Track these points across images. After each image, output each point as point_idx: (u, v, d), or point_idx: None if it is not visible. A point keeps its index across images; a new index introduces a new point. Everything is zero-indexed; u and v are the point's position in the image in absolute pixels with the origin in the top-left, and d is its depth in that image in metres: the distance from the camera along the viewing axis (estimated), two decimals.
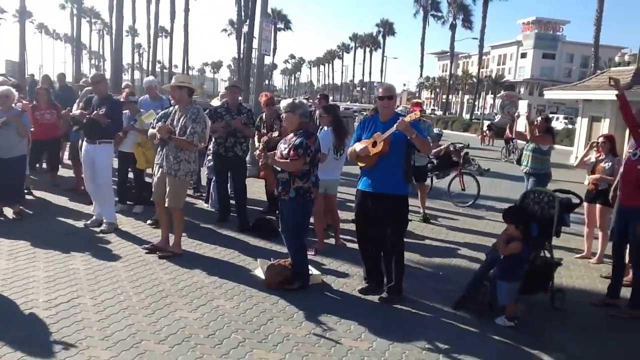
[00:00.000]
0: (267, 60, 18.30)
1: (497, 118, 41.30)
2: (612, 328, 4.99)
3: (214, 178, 8.12)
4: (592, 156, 7.18)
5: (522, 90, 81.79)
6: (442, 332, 4.52)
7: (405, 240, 5.30)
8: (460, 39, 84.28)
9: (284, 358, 3.84)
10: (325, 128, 6.69)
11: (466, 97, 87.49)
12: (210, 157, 8.12)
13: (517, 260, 4.91)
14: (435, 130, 11.43)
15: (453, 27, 63.37)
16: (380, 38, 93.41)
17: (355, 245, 5.57)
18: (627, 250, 5.42)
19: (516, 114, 9.43)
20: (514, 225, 4.99)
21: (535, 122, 8.19)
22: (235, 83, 11.33)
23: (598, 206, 6.92)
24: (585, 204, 7.03)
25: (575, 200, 5.56)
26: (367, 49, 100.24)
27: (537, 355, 4.24)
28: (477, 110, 64.83)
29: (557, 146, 20.48)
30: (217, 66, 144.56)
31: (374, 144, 4.99)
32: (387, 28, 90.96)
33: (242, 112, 7.47)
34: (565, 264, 6.74)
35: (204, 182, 9.28)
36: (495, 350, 4.29)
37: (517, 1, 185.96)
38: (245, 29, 36.90)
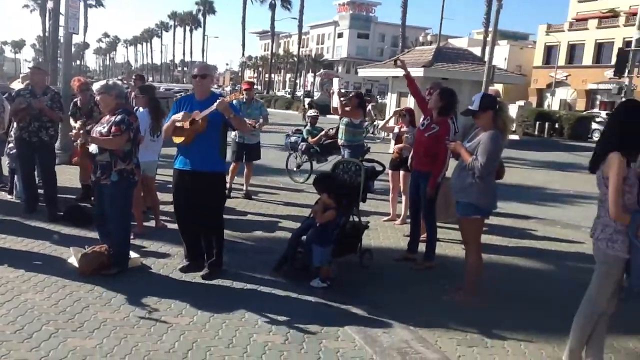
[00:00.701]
0: (78, 39, 17.08)
1: (317, 95, 42.96)
2: (411, 279, 5.60)
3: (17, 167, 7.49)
4: (396, 126, 7.91)
5: (340, 68, 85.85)
6: (262, 300, 4.74)
7: (226, 216, 5.42)
8: (280, 19, 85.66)
9: (101, 343, 3.76)
10: (141, 109, 6.53)
11: (288, 75, 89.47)
12: (12, 145, 7.48)
13: (331, 226, 5.28)
14: None
15: (273, 7, 64.34)
16: (200, 16, 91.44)
17: (176, 226, 5.57)
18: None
19: (330, 90, 9.94)
20: (327, 194, 5.36)
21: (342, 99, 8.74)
22: (40, 64, 10.49)
23: (401, 172, 7.63)
24: (389, 171, 7.74)
25: (379, 168, 6.12)
26: (187, 28, 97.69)
27: (348, 309, 4.64)
28: (299, 88, 66.73)
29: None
30: (18, 45, 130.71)
31: (192, 122, 5.01)
32: (207, 6, 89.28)
33: (48, 94, 6.97)
34: (374, 227, 7.39)
35: (6, 172, 8.50)
36: (311, 308, 4.62)
37: None
38: (50, 4, 33.80)
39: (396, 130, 7.84)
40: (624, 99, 10.93)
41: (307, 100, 39.92)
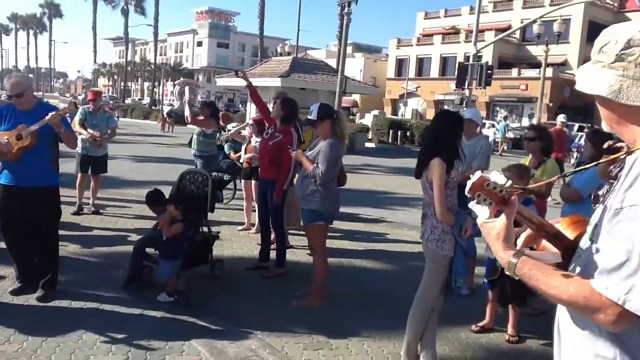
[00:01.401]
0: None
1: (177, 105, 41.89)
2: (262, 287, 5.62)
3: None
4: (246, 135, 7.94)
5: (200, 77, 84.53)
6: (103, 318, 4.49)
7: (70, 232, 5.07)
8: (134, 25, 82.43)
9: None
10: None
11: (146, 84, 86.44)
12: None
13: (179, 239, 5.15)
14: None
15: (125, 13, 61.80)
16: (45, 20, 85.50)
17: (4, 245, 5.11)
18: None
19: (184, 99, 9.70)
20: (174, 206, 5.22)
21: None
22: None
23: (253, 182, 7.65)
24: (242, 181, 7.73)
25: (227, 178, 6.09)
26: (31, 32, 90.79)
27: (195, 322, 4.55)
28: (157, 97, 64.74)
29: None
30: None
31: (19, 137, 4.63)
32: (53, 9, 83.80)
33: None
34: (228, 237, 7.36)
35: None
36: (156, 324, 4.46)
37: None
38: None
39: (246, 137, 7.88)
40: (465, 109, 11.90)
41: (166, 109, 38.78)
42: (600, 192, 1.52)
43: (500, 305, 4.74)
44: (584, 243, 1.56)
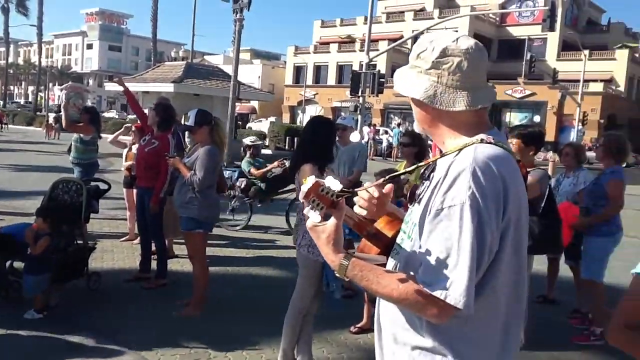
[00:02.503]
0: None
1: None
2: (142, 299, 5.45)
3: None
4: (127, 142, 7.67)
5: (91, 81, 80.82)
6: None
7: None
8: (16, 25, 77.27)
9: None
10: None
11: (30, 87, 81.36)
12: None
13: (45, 253, 4.84)
14: None
15: (6, 11, 57.86)
16: None
17: None
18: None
19: (62, 103, 9.15)
20: (42, 219, 4.92)
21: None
22: None
23: (134, 190, 7.41)
24: (124, 189, 7.47)
25: (104, 187, 5.86)
26: None
27: (68, 339, 4.34)
28: (44, 102, 61.13)
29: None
30: None
31: None
32: None
33: None
34: (110, 248, 7.09)
35: None
36: (24, 344, 4.21)
37: None
38: None
39: (127, 143, 7.64)
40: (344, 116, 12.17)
41: (52, 115, 36.70)
42: (417, 192, 1.61)
43: (372, 305, 4.90)
44: (401, 240, 1.66)
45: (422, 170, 1.70)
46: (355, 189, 1.63)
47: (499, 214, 1.46)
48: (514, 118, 48.85)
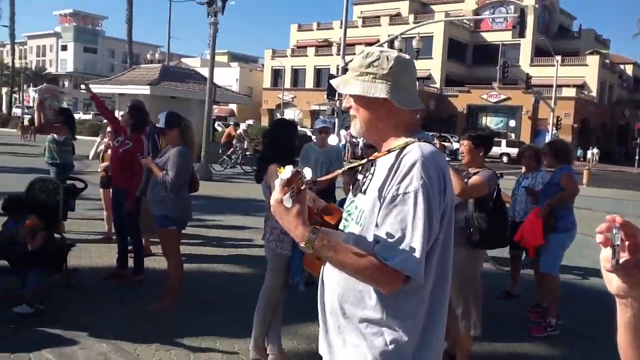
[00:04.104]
0: None
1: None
2: (118, 295, 5.64)
3: None
4: (102, 146, 7.81)
5: (66, 83, 79.98)
6: None
7: None
8: None
9: None
10: None
11: (4, 89, 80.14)
12: None
13: (46, 247, 5.03)
14: None
15: None
16: None
17: None
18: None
19: (36, 104, 9.12)
20: (36, 215, 5.09)
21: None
22: None
23: (112, 190, 7.56)
24: (100, 190, 7.63)
25: (80, 185, 6.03)
26: None
27: (45, 331, 4.50)
28: (18, 103, 60.37)
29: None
30: None
31: None
32: None
33: None
34: (88, 247, 7.23)
35: None
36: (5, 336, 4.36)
37: None
38: None
39: (102, 147, 7.77)
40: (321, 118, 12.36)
41: (27, 117, 36.34)
42: (359, 184, 1.87)
43: None
44: (343, 227, 1.91)
45: (362, 166, 1.96)
46: (317, 180, 1.84)
47: (441, 201, 1.75)
48: (490, 122, 49.65)
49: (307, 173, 1.69)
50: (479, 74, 52.90)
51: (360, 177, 1.95)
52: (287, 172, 1.67)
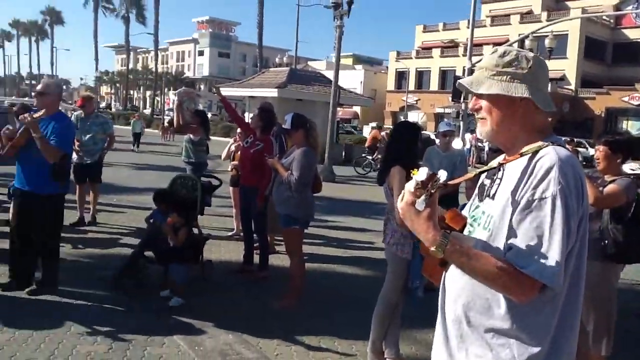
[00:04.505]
0: None
1: (173, 114, 42.14)
2: (245, 289, 5.93)
3: None
4: (234, 146, 8.22)
5: (202, 87, 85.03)
6: (91, 314, 4.80)
7: (66, 235, 5.29)
8: (135, 34, 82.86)
9: None
10: None
11: (148, 92, 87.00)
12: None
13: (185, 244, 5.42)
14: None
15: (127, 20, 62.46)
16: (47, 27, 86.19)
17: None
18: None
19: (191, 109, 9.76)
20: (176, 213, 5.50)
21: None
22: None
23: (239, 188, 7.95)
24: (230, 188, 8.05)
25: (216, 183, 6.42)
26: (33, 38, 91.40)
27: (179, 319, 4.84)
28: (159, 106, 65.19)
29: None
30: None
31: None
32: (55, 16, 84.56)
33: None
34: (217, 242, 7.64)
35: None
36: (139, 320, 4.75)
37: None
38: None
39: (233, 148, 8.17)
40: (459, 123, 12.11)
41: (167, 118, 39.12)
42: (486, 189, 1.81)
43: None
44: (468, 233, 1.86)
45: (489, 170, 1.90)
46: (450, 182, 1.81)
47: (579, 207, 1.67)
48: (631, 126, 45.63)
49: (443, 175, 1.66)
50: (620, 75, 48.91)
51: (486, 182, 1.90)
52: (422, 174, 1.65)
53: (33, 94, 5.24)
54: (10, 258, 5.27)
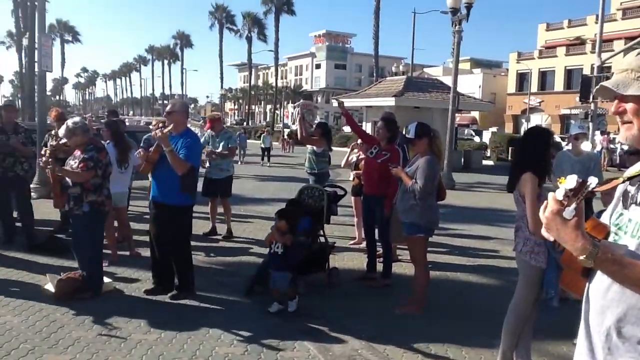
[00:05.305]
0: (56, 74, 17.23)
1: (294, 126, 43.47)
2: (369, 296, 6.01)
3: None
4: (354, 156, 8.36)
5: (319, 99, 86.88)
6: (227, 318, 5.09)
7: (197, 243, 5.70)
8: (256, 51, 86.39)
9: (74, 358, 4.10)
10: (108, 142, 6.92)
11: (268, 106, 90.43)
12: None
13: (289, 252, 5.60)
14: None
15: (249, 40, 65.57)
16: (177, 50, 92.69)
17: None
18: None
19: (313, 121, 10.04)
20: (285, 220, 5.71)
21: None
22: (11, 102, 10.87)
23: (362, 198, 8.07)
24: (352, 198, 8.19)
25: (341, 192, 6.60)
26: (165, 61, 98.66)
27: (307, 324, 5.02)
28: (280, 119, 67.51)
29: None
30: None
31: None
32: (184, 40, 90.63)
33: (19, 131, 7.40)
34: (340, 250, 7.81)
35: None
36: (272, 325, 4.98)
37: (307, 15, 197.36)
38: (25, 42, 33.74)
39: (354, 158, 8.30)
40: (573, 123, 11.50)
41: (287, 131, 40.48)
42: (631, 195, 1.72)
43: None
44: (620, 240, 1.77)
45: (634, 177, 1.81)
46: (598, 190, 1.76)
47: None
48: None
49: (593, 182, 1.62)
50: None
51: (631, 188, 1.82)
52: (571, 181, 1.61)
53: (164, 113, 5.72)
54: (152, 265, 5.76)
